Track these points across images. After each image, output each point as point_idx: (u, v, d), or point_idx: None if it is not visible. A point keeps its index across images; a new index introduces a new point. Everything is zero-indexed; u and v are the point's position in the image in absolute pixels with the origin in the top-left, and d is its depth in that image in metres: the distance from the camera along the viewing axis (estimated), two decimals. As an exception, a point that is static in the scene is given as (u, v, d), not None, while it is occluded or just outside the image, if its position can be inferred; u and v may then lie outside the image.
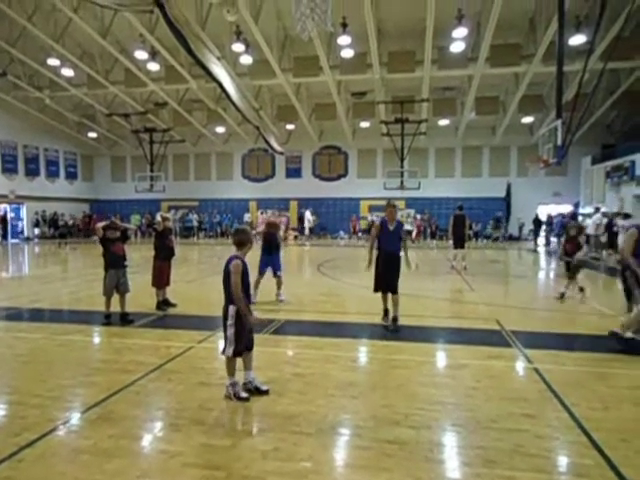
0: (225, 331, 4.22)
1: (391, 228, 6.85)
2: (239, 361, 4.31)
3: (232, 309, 4.17)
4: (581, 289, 9.06)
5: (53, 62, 20.62)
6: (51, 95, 24.07)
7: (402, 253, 6.92)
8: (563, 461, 3.25)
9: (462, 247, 13.36)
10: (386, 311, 7.08)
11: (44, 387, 4.47)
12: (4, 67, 21.50)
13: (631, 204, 19.85)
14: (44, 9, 17.81)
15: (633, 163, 19.74)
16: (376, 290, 6.96)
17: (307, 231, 27.04)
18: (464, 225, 13.22)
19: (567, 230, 9.26)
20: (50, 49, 19.78)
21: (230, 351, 4.18)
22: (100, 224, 7.16)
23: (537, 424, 3.71)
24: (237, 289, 4.12)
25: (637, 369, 5.04)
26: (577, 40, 16.16)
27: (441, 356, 5.66)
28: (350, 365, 5.21)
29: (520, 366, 5.23)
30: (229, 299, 4.19)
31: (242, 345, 4.19)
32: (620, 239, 15.11)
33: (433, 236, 26.30)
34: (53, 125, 27.67)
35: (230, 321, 4.18)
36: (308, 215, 26.85)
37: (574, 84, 16.63)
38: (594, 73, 13.95)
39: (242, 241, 4.29)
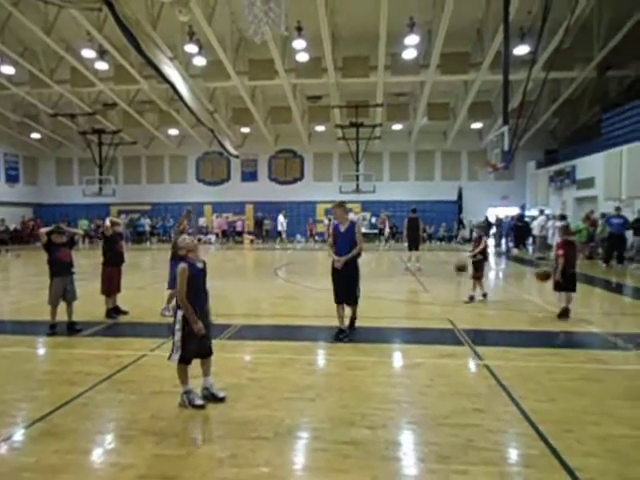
0: (173, 336, 4.11)
1: (342, 229, 6.31)
2: (196, 368, 4.21)
3: (179, 314, 4.07)
4: (484, 294, 9.05)
5: (-9, 59, 19.51)
6: (-10, 93, 22.76)
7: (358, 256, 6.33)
8: (512, 453, 3.37)
9: (416, 249, 13.69)
10: (340, 331, 6.31)
11: (-18, 402, 4.20)
12: (-63, 63, 20.14)
13: (572, 206, 20.99)
14: (-19, 2, 16.83)
15: (574, 168, 20.88)
16: (337, 302, 6.38)
17: (284, 235, 26.68)
18: (418, 228, 13.56)
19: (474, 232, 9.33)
20: (-12, 45, 18.70)
21: (175, 357, 4.08)
22: (44, 229, 6.83)
23: (488, 418, 3.84)
24: (181, 294, 4.04)
25: (577, 362, 5.32)
26: (521, 50, 16.95)
27: (396, 356, 5.75)
28: (307, 368, 5.21)
29: (471, 363, 5.39)
30: (178, 305, 4.10)
31: (190, 352, 4.08)
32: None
33: (393, 237, 26.68)
34: (-8, 125, 26.16)
35: (177, 326, 4.08)
36: (281, 219, 26.55)
37: (519, 92, 17.37)
38: (537, 82, 14.65)
39: (178, 254, 4.30)
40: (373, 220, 27.86)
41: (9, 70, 20.40)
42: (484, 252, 9.02)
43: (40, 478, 3.00)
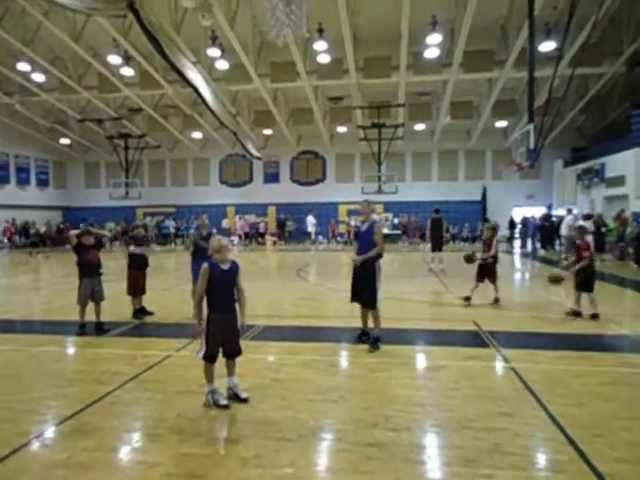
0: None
1: (363, 228, 6.09)
2: (221, 367, 4.26)
3: (206, 312, 4.14)
4: (496, 299, 8.61)
5: (23, 67, 20.14)
6: (21, 100, 23.50)
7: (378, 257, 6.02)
8: (540, 458, 3.30)
9: (439, 250, 13.53)
10: (363, 333, 6.16)
11: (16, 400, 4.33)
12: (-29, 72, 20.93)
13: (601, 206, 20.44)
14: (13, 12, 17.40)
15: (603, 166, 20.34)
16: (351, 300, 6.13)
17: (313, 236, 26.78)
18: (441, 228, 13.40)
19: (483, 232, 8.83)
20: (20, 53, 19.32)
21: (200, 354, 4.14)
22: (74, 231, 7.02)
23: (515, 422, 3.77)
24: (197, 293, 4.13)
25: (606, 366, 5.18)
26: (547, 47, 16.60)
27: (420, 358, 5.70)
28: (330, 369, 5.21)
29: (498, 366, 5.31)
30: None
31: (213, 350, 4.12)
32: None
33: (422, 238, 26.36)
34: (24, 131, 26.98)
35: (204, 324, 4.14)
36: (311, 219, 26.62)
37: (545, 89, 17.07)
38: (564, 78, 14.35)
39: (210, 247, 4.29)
40: (395, 221, 27.69)
41: (40, 77, 21.07)
42: (495, 254, 8.64)
43: (71, 475, 3.08)
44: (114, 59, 18.97)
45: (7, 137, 26.90)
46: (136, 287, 7.80)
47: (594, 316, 7.37)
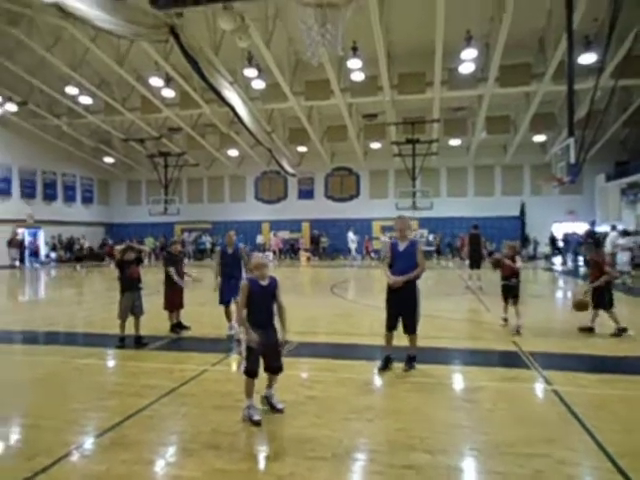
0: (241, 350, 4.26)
1: (401, 248, 5.65)
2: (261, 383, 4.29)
3: (240, 330, 4.22)
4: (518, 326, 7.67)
5: (71, 90, 21.24)
6: (69, 122, 24.74)
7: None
8: (587, 488, 3.14)
9: (478, 267, 13.22)
10: (387, 359, 5.69)
11: (58, 411, 4.48)
12: (24, 96, 22.19)
13: (648, 221, 19.57)
14: (63, 39, 18.43)
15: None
16: (389, 328, 5.70)
17: (353, 252, 26.84)
18: (479, 244, 13.10)
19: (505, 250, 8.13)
20: (69, 78, 20.41)
21: (242, 368, 4.21)
22: (118, 247, 7.31)
23: (558, 448, 3.61)
24: (239, 309, 4.22)
25: (661, 391, 4.90)
26: (587, 59, 16.18)
27: (457, 378, 5.55)
28: (364, 388, 5.14)
29: (538, 388, 5.11)
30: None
31: (253, 366, 4.15)
32: (623, 256, 14.86)
33: (454, 255, 25.91)
34: (71, 151, 28.37)
35: (243, 340, 4.20)
36: (351, 236, 26.72)
37: (586, 102, 16.61)
38: (606, 91, 13.93)
39: (248, 268, 4.42)
40: (430, 237, 27.33)
41: (87, 100, 22.18)
42: (518, 274, 7.87)
43: (109, 486, 3.14)
44: (156, 81, 19.76)
45: (55, 157, 28.33)
46: (173, 302, 7.96)
47: (620, 331, 7.25)
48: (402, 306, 5.59)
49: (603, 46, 10.78)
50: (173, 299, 7.94)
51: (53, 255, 27.92)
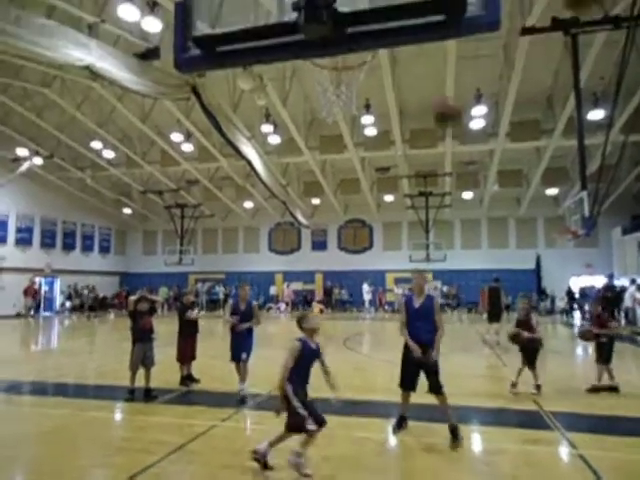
0: (296, 411, 4.11)
1: (417, 305, 5.23)
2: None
3: (290, 388, 4.14)
4: (537, 386, 7.21)
5: (96, 145, 22.17)
6: (92, 175, 25.64)
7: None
8: None
9: (497, 321, 12.93)
10: (402, 420, 5.39)
11: (64, 467, 4.36)
12: (51, 150, 23.18)
13: (668, 275, 19.15)
14: (91, 98, 19.45)
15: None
16: (402, 385, 5.32)
17: (367, 304, 26.76)
18: (499, 298, 12.87)
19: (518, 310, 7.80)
20: (94, 133, 21.35)
21: (312, 425, 4.06)
22: (132, 297, 7.35)
23: (587, 520, 3.37)
24: (284, 369, 4.16)
25: (695, 457, 4.61)
26: (596, 115, 16.48)
27: (476, 439, 5.31)
28: (380, 449, 4.94)
29: (563, 452, 4.85)
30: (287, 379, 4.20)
31: (317, 415, 4.14)
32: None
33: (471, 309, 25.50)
34: (91, 202, 29.22)
35: (293, 400, 4.13)
36: (366, 287, 26.71)
37: (597, 156, 16.75)
38: (616, 145, 14.07)
39: (300, 325, 4.42)
40: (444, 289, 27.03)
41: (110, 154, 23.08)
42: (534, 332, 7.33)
43: None
44: (176, 137, 20.56)
45: (76, 207, 29.16)
46: (185, 353, 7.87)
47: (611, 389, 7.19)
48: (422, 368, 5.13)
49: (611, 103, 11.00)
50: (185, 350, 7.86)
51: (68, 304, 28.09)
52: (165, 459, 4.54)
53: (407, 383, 5.27)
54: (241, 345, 6.94)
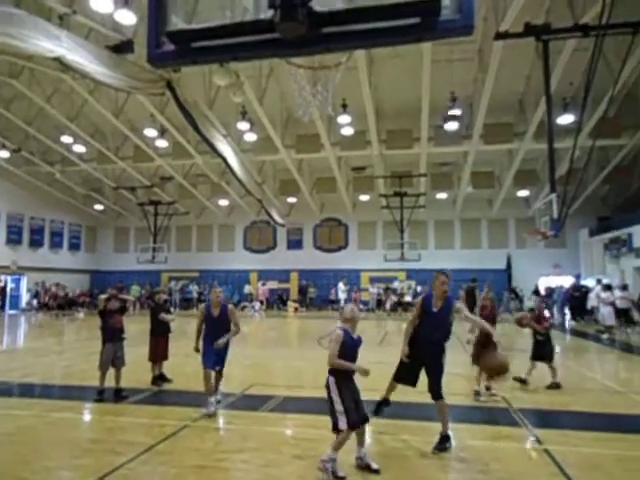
0: (332, 404, 4.12)
1: (435, 309, 4.95)
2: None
3: (332, 380, 4.08)
4: (487, 388, 7.09)
5: (66, 139, 21.55)
6: (62, 170, 24.92)
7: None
8: None
9: None
10: (384, 402, 5.29)
11: (29, 469, 4.24)
12: (19, 143, 22.45)
13: (632, 276, 19.86)
14: (62, 91, 18.91)
15: (630, 235, 19.99)
16: (397, 379, 5.17)
17: (342, 303, 26.74)
18: (474, 298, 13.12)
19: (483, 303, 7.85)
20: (64, 127, 20.77)
21: (344, 424, 4.02)
22: (103, 296, 7.18)
23: (552, 513, 3.48)
24: (332, 357, 4.19)
25: (653, 451, 4.80)
26: (565, 120, 16.96)
27: (447, 436, 5.39)
28: (352, 445, 4.96)
29: (530, 447, 4.98)
30: (329, 371, 4.24)
31: (355, 416, 4.09)
32: (605, 310, 15.00)
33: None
34: (60, 198, 28.41)
35: (334, 394, 4.15)
36: (342, 286, 26.71)
37: (566, 160, 17.22)
38: (584, 150, 14.52)
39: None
40: (419, 289, 27.33)
41: (81, 149, 22.48)
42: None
43: None
44: (150, 132, 20.19)
45: (45, 203, 28.30)
46: (157, 353, 7.75)
47: (555, 385, 7.37)
48: (426, 361, 4.92)
49: (580, 108, 11.34)
50: (157, 350, 7.75)
51: (35, 302, 27.27)
52: (134, 460, 4.46)
53: (398, 373, 5.15)
54: (214, 354, 6.05)
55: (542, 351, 7.64)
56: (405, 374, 5.09)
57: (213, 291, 6.50)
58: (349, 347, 4.22)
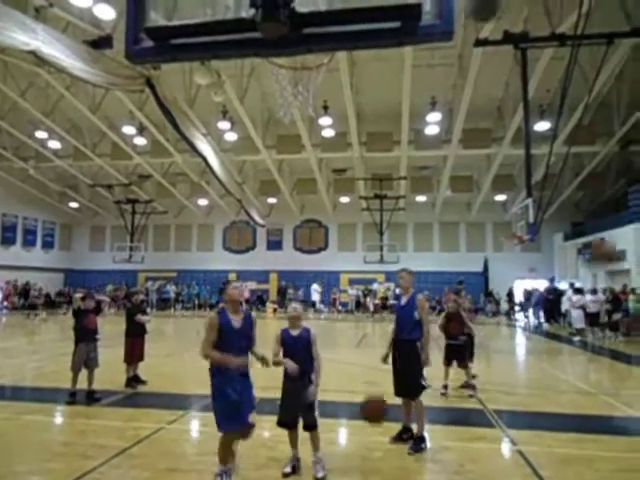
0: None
1: (403, 302, 5.22)
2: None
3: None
4: (469, 384, 7.37)
5: (41, 135, 21.05)
6: (36, 166, 24.31)
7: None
8: None
9: None
10: (404, 430, 5.18)
11: (-4, 475, 4.10)
12: (-9, 138, 21.85)
13: (604, 280, 20.38)
14: (37, 85, 18.46)
15: (602, 240, 20.52)
16: (396, 393, 5.21)
17: (317, 304, 26.72)
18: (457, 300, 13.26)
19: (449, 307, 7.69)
20: (39, 122, 20.27)
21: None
22: (78, 295, 7.01)
23: (525, 514, 3.53)
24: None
25: (620, 451, 4.92)
26: (542, 126, 17.34)
27: (423, 437, 5.43)
28: (328, 448, 4.95)
29: (504, 448, 5.06)
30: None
31: (285, 415, 4.17)
32: (576, 313, 15.47)
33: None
34: (34, 194, 27.69)
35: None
36: (317, 287, 26.72)
37: (542, 165, 17.60)
38: (560, 156, 14.84)
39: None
40: (397, 291, 27.53)
41: (56, 145, 21.98)
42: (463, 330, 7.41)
43: None
44: (128, 129, 19.86)
45: (18, 200, 27.54)
46: (133, 354, 7.61)
47: (470, 386, 7.27)
48: (400, 371, 5.13)
49: (556, 115, 11.60)
50: (133, 351, 7.60)
51: (5, 302, 26.49)
52: (106, 464, 4.36)
53: (394, 387, 5.19)
54: (241, 394, 4.12)
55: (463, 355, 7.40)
56: (395, 384, 5.22)
57: (231, 288, 4.15)
58: (289, 345, 4.34)
